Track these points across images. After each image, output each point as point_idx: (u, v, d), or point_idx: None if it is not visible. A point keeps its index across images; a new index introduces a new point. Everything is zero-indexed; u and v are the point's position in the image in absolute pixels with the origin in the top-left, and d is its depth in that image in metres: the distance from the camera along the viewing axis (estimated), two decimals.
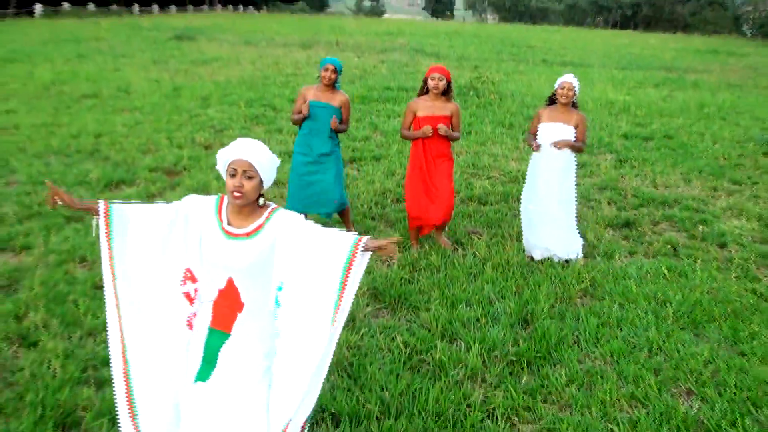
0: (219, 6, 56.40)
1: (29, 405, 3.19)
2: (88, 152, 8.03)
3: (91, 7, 39.59)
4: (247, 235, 2.38)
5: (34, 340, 3.81)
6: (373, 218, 6.14)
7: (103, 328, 2.63)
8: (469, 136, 9.63)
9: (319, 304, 2.39)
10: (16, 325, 3.98)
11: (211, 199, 2.47)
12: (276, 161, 2.43)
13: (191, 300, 2.52)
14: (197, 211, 2.45)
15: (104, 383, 3.36)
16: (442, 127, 5.12)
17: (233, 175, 2.32)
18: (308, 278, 2.41)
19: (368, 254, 2.38)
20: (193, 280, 2.51)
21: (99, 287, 4.05)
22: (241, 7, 58.03)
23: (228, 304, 2.41)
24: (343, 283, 2.35)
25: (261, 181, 2.37)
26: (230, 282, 2.40)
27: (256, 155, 2.35)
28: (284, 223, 2.42)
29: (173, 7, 47.17)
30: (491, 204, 6.68)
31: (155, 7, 45.28)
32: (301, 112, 5.33)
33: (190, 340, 2.49)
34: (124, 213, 2.44)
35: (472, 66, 16.49)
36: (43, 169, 7.17)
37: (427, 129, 5.11)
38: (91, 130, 9.05)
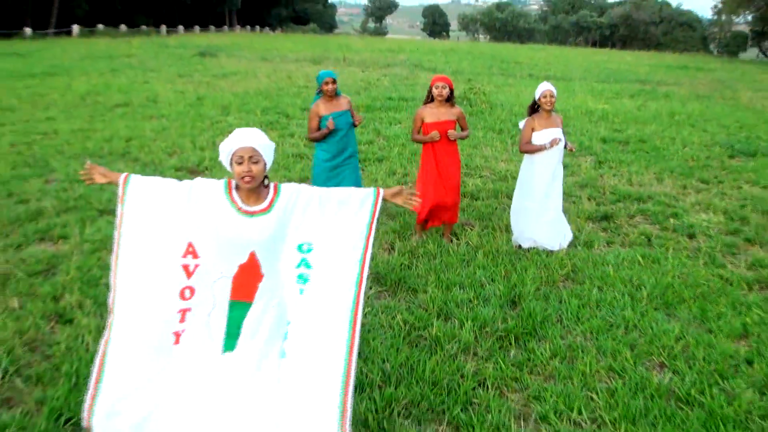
0: (238, 27, 56.37)
1: (65, 375, 3.19)
2: (120, 154, 8.02)
3: (123, 27, 39.59)
4: (263, 210, 2.37)
5: (70, 318, 3.81)
6: None
7: None
8: (463, 141, 9.57)
9: (348, 255, 2.44)
10: (53, 305, 3.98)
11: (220, 183, 2.43)
12: (273, 144, 2.44)
13: (189, 273, 2.38)
14: (208, 193, 2.41)
15: None
16: (453, 133, 5.07)
17: (240, 163, 2.31)
18: (337, 234, 2.41)
19: None
20: (194, 255, 2.39)
21: None
22: (257, 27, 57.98)
23: (248, 276, 2.38)
24: (369, 228, 2.46)
25: (265, 164, 2.35)
26: (252, 256, 2.37)
27: (258, 141, 2.34)
28: (295, 193, 2.42)
29: (197, 28, 47.12)
30: (483, 199, 6.65)
31: (181, 27, 45.31)
32: (322, 128, 5.09)
33: (210, 315, 2.39)
34: (139, 183, 2.42)
35: (466, 79, 16.44)
36: (79, 169, 6.99)
37: (435, 134, 5.03)
38: (122, 135, 9.05)
